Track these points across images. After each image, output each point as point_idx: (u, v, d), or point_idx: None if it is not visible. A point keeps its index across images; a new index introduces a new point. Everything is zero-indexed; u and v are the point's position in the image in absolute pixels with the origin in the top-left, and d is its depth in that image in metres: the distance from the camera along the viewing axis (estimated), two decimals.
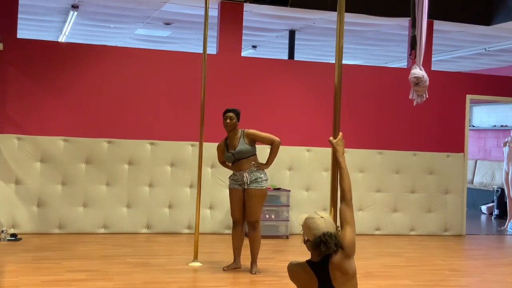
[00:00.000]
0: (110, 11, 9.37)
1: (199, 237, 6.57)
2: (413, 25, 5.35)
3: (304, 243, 3.30)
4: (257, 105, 8.77)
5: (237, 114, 6.33)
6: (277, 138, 6.30)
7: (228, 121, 6.27)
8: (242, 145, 6.22)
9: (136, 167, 8.26)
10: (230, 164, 6.36)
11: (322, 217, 3.25)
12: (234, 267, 6.32)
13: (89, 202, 8.09)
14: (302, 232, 3.29)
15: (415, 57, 5.36)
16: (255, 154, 6.32)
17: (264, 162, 6.35)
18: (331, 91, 4.16)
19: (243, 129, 6.33)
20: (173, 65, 8.49)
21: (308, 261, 3.24)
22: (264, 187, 6.23)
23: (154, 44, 11.87)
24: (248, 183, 6.20)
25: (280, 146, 8.63)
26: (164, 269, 6.26)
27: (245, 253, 6.38)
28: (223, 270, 6.27)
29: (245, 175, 6.21)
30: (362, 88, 9.16)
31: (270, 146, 6.34)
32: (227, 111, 6.33)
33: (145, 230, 8.31)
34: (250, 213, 6.21)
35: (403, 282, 6.22)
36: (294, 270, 3.26)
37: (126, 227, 8.23)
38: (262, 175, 6.25)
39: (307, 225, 3.24)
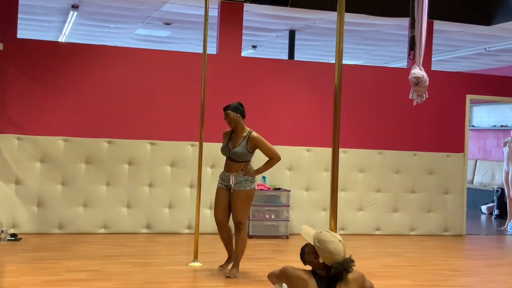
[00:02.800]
0: (110, 11, 9.37)
1: (199, 237, 6.57)
2: (412, 25, 5.36)
3: (306, 260, 3.22)
4: (257, 105, 8.76)
5: (235, 108, 6.12)
6: (278, 155, 6.14)
7: (226, 119, 6.16)
8: (241, 148, 6.08)
9: (136, 167, 8.26)
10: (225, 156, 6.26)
11: (340, 241, 3.17)
12: (228, 265, 6.29)
13: (89, 202, 8.09)
14: (311, 251, 3.20)
15: (414, 57, 5.37)
16: (248, 161, 6.16)
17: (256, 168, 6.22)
18: (331, 91, 4.16)
19: (251, 131, 6.14)
20: (173, 65, 8.49)
21: (313, 272, 3.17)
22: (248, 188, 6.08)
23: (154, 44, 11.87)
24: (233, 185, 6.11)
25: (280, 146, 8.74)
26: (164, 269, 6.26)
27: (246, 253, 6.37)
28: (219, 269, 6.26)
29: (231, 177, 6.11)
30: (362, 88, 9.16)
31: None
32: (224, 108, 6.18)
33: (145, 230, 8.31)
34: (234, 213, 6.13)
35: (403, 282, 6.22)
36: (293, 273, 3.16)
37: (126, 227, 8.23)
38: (249, 179, 6.11)
39: (327, 250, 3.12)
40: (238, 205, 6.08)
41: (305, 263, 3.25)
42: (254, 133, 6.12)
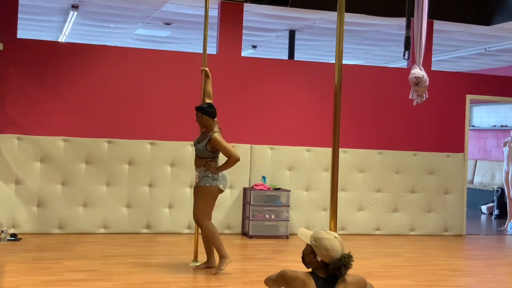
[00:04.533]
0: (110, 11, 9.37)
1: (199, 237, 6.56)
2: (408, 26, 5.36)
3: (306, 261, 3.23)
4: (257, 105, 8.77)
5: (202, 110, 6.24)
6: (235, 155, 6.06)
7: (197, 120, 6.32)
8: (202, 145, 6.15)
9: (136, 167, 8.26)
10: None
11: (336, 237, 3.17)
12: (204, 266, 6.29)
13: (89, 202, 8.09)
14: (309, 251, 3.20)
15: (408, 58, 5.38)
16: (212, 158, 6.14)
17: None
18: (331, 91, 4.16)
19: (215, 132, 6.14)
20: (173, 65, 8.49)
21: (312, 273, 3.16)
22: (208, 185, 6.09)
23: (154, 44, 11.87)
24: (197, 181, 6.19)
25: (280, 146, 8.75)
26: (164, 269, 6.26)
27: (243, 253, 6.38)
28: (193, 268, 6.22)
29: (196, 173, 6.22)
30: (362, 88, 9.16)
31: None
32: (195, 108, 6.33)
33: (145, 230, 8.31)
34: (194, 209, 6.20)
35: (403, 282, 6.22)
36: (291, 275, 3.15)
37: (126, 227, 8.23)
38: (210, 175, 6.10)
39: (323, 247, 3.13)
40: (196, 201, 6.18)
41: (306, 265, 3.25)
42: (215, 135, 6.12)
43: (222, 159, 6.22)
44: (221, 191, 6.20)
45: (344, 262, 3.08)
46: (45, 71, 8.04)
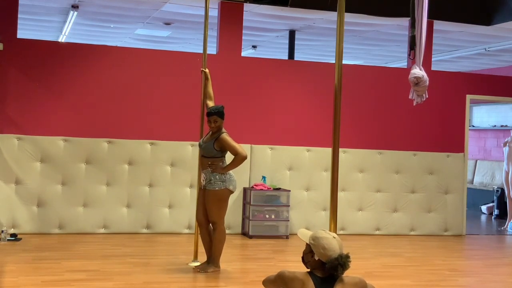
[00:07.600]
0: (110, 11, 9.37)
1: (199, 237, 6.56)
2: (413, 25, 5.36)
3: (305, 261, 3.24)
4: (256, 105, 8.77)
5: (221, 114, 6.16)
6: (242, 153, 6.05)
7: (212, 124, 6.15)
8: (209, 144, 6.12)
9: (136, 167, 8.26)
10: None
11: (334, 237, 3.17)
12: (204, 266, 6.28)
13: (89, 202, 8.09)
14: (307, 251, 3.21)
15: (415, 57, 5.37)
16: (219, 158, 6.12)
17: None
18: (331, 91, 4.16)
19: (223, 132, 6.14)
20: (173, 65, 8.50)
21: (310, 273, 3.17)
22: (217, 189, 6.07)
23: (154, 44, 11.87)
24: (204, 183, 6.16)
25: (280, 146, 8.75)
26: (164, 269, 6.26)
27: (243, 253, 6.38)
28: (198, 271, 6.20)
29: (203, 175, 6.20)
30: (362, 88, 9.17)
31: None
32: (211, 113, 6.16)
33: (145, 230, 8.31)
34: (208, 213, 6.18)
35: (403, 282, 6.22)
36: (290, 276, 3.16)
37: (126, 227, 8.23)
38: (217, 177, 6.08)
39: (321, 245, 3.14)
40: (209, 206, 6.13)
41: (306, 265, 3.25)
42: (224, 134, 6.13)
43: (228, 160, 6.19)
44: (231, 192, 6.20)
45: (341, 261, 3.08)
46: (45, 71, 8.04)
